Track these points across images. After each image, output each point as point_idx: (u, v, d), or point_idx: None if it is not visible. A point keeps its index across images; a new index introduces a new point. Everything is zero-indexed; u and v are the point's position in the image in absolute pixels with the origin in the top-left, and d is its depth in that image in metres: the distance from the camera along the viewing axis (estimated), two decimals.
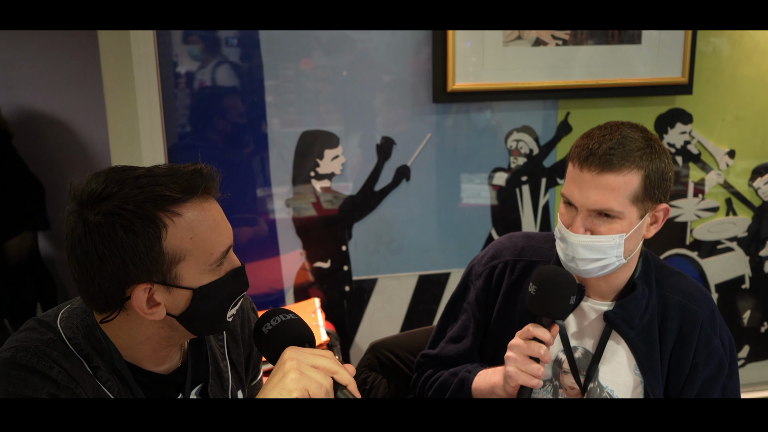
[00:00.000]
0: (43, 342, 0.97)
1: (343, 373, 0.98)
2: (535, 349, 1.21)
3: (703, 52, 2.34)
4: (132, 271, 0.93)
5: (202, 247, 0.97)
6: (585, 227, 1.25)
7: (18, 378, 0.93)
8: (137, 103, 2.02)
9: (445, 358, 1.49)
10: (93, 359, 1.00)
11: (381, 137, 2.23)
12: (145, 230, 0.92)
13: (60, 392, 0.95)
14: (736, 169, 2.48)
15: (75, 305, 1.05)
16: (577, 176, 1.26)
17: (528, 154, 2.33)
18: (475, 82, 2.18)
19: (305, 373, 0.96)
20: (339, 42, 2.15)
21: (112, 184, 0.93)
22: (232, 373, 1.19)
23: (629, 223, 1.25)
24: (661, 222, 1.31)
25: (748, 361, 2.66)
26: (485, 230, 2.37)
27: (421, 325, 2.22)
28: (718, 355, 1.34)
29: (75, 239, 0.94)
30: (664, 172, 1.26)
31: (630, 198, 1.23)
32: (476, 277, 1.48)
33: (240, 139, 2.17)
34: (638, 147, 1.23)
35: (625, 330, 1.32)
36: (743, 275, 2.58)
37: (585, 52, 2.23)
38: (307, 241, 2.27)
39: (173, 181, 0.95)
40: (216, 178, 1.00)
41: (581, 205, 1.25)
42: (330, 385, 0.97)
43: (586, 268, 1.27)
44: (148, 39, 2.01)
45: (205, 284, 0.98)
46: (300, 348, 1.00)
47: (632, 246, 1.28)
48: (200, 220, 0.96)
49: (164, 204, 0.93)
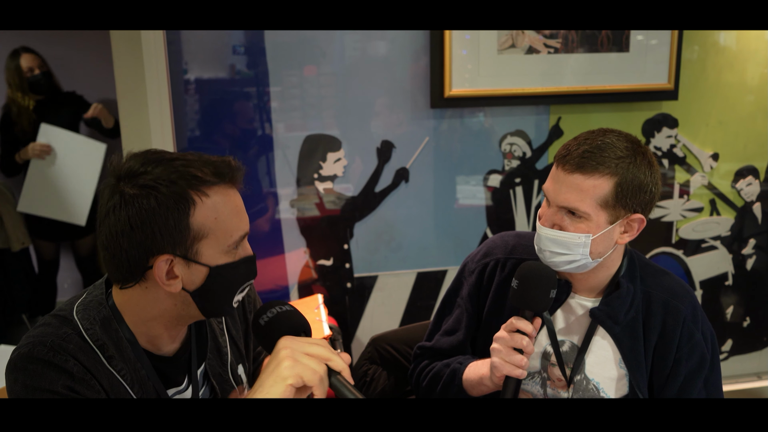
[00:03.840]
0: (58, 336, 0.99)
1: (337, 360, 0.98)
2: (518, 340, 1.23)
3: (688, 60, 2.35)
4: (159, 242, 0.97)
5: (223, 229, 1.00)
6: (553, 222, 1.26)
7: (35, 372, 0.96)
8: (149, 109, 2.05)
9: (440, 349, 1.50)
10: (108, 349, 1.02)
11: (381, 141, 2.24)
12: (176, 204, 0.96)
13: (76, 384, 0.97)
14: (720, 171, 2.50)
15: (88, 298, 1.07)
16: (554, 173, 1.27)
17: (521, 157, 2.35)
18: (470, 88, 2.20)
19: (299, 360, 0.95)
20: (341, 50, 2.16)
21: (149, 163, 0.98)
22: (231, 348, 1.20)
23: (596, 226, 1.24)
24: (636, 232, 1.29)
25: (731, 354, 2.68)
26: (480, 229, 2.39)
27: (420, 319, 2.22)
28: (700, 350, 1.34)
29: (109, 208, 0.97)
30: (642, 183, 1.23)
31: (598, 201, 1.22)
32: (469, 274, 1.48)
33: (247, 143, 2.18)
34: (617, 155, 1.22)
35: (610, 325, 1.32)
36: (726, 272, 2.60)
37: (575, 59, 2.24)
38: (311, 240, 2.28)
39: (205, 165, 1.00)
40: (241, 170, 1.04)
41: (552, 200, 1.26)
42: (324, 371, 0.96)
43: (553, 260, 1.27)
44: (159, 47, 2.03)
45: (221, 264, 1.01)
46: (294, 337, 1.00)
47: (601, 249, 1.27)
48: (224, 204, 1.00)
49: (196, 183, 0.98)
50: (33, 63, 3.34)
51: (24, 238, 3.40)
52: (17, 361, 0.97)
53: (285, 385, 0.94)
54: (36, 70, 3.34)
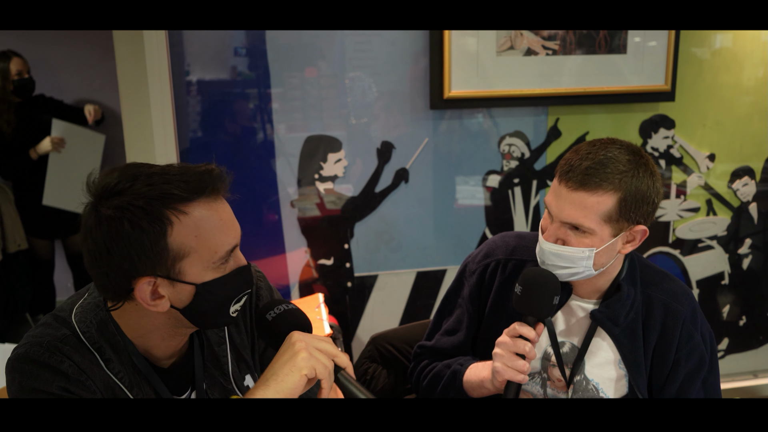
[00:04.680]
0: (56, 338, 0.98)
1: (343, 357, 1.02)
2: (521, 346, 1.23)
3: (685, 62, 2.37)
4: (137, 264, 0.93)
5: (206, 245, 0.96)
6: (557, 236, 1.26)
7: (31, 372, 0.96)
8: (151, 110, 2.05)
9: (441, 349, 1.49)
10: (105, 352, 1.01)
11: (381, 142, 2.26)
12: (151, 226, 0.92)
13: (70, 385, 0.96)
14: (716, 172, 2.52)
15: (88, 300, 1.05)
16: (556, 188, 1.25)
17: (520, 157, 2.36)
18: (469, 89, 2.21)
19: (313, 354, 0.98)
20: (341, 52, 2.17)
21: (124, 180, 0.94)
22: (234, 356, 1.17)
23: (600, 240, 1.23)
24: (638, 242, 1.28)
25: (728, 353, 2.70)
26: (479, 229, 2.41)
27: (419, 318, 2.22)
28: (699, 351, 1.34)
29: (87, 230, 0.94)
30: (645, 195, 1.22)
31: (602, 217, 1.22)
32: (470, 274, 1.47)
33: (248, 144, 2.19)
34: (619, 170, 1.21)
35: (610, 327, 1.33)
36: (723, 272, 2.62)
37: (573, 61, 2.26)
38: (312, 240, 2.30)
39: (183, 180, 0.95)
40: (226, 178, 0.99)
41: (555, 215, 1.25)
42: (332, 367, 1.00)
43: (557, 273, 1.27)
44: (162, 48, 2.04)
45: (209, 280, 0.97)
46: (305, 332, 1.03)
47: (604, 260, 1.27)
48: (207, 219, 0.96)
49: (171, 202, 0.93)
50: (22, 67, 3.35)
51: (20, 240, 3.41)
52: (14, 361, 0.98)
53: (300, 375, 0.96)
54: (24, 74, 3.36)
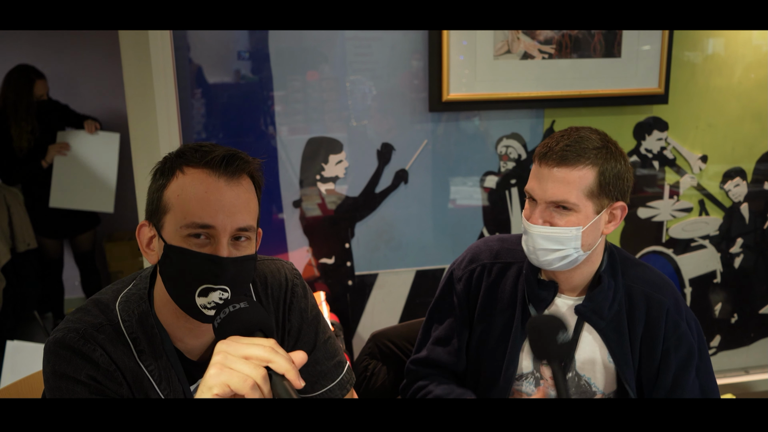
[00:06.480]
0: (93, 326, 1.01)
1: (279, 362, 0.84)
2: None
3: (678, 65, 2.39)
4: (148, 208, 1.04)
5: (181, 207, 0.98)
6: (543, 219, 1.28)
7: (64, 357, 0.99)
8: (156, 112, 2.08)
9: (436, 361, 1.48)
10: (140, 343, 1.03)
11: (381, 143, 2.28)
12: (162, 176, 1.02)
13: (98, 374, 0.99)
14: (709, 173, 2.55)
15: (133, 291, 1.08)
16: (537, 171, 1.30)
17: (516, 158, 2.39)
18: (467, 92, 2.24)
19: (228, 366, 0.84)
20: (342, 55, 2.20)
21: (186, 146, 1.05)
22: None
23: (585, 217, 1.27)
24: (619, 219, 1.32)
25: (720, 350, 2.73)
26: (477, 229, 2.43)
27: (418, 316, 2.09)
28: (688, 340, 1.36)
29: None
30: (619, 172, 1.28)
31: (585, 192, 1.26)
32: (457, 281, 1.49)
33: (251, 145, 2.21)
34: (594, 146, 1.26)
35: (596, 321, 1.35)
36: (715, 271, 2.65)
37: (569, 64, 2.29)
38: (313, 239, 2.32)
39: (208, 151, 1.01)
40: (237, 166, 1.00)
41: (540, 197, 1.29)
42: (261, 375, 0.84)
43: (547, 258, 1.29)
44: (167, 52, 2.07)
45: (175, 245, 0.99)
46: (236, 338, 0.88)
47: (590, 240, 1.29)
48: (194, 185, 0.99)
49: (181, 162, 1.01)
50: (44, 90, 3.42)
51: (30, 239, 3.46)
52: (52, 344, 1.01)
53: (211, 395, 0.84)
54: (44, 97, 3.43)
